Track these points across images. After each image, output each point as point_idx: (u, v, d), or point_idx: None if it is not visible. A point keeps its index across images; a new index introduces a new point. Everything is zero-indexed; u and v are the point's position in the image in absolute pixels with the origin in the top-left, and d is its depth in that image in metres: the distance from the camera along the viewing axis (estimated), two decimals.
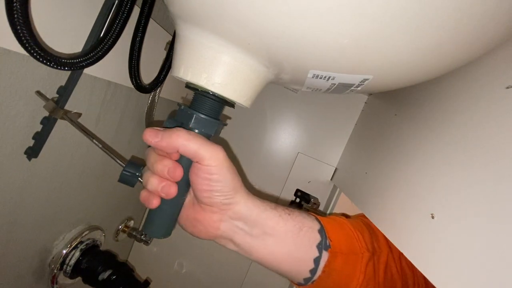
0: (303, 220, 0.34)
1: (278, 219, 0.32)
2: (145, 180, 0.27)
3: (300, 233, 0.32)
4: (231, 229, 0.30)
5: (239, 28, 0.22)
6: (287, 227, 0.32)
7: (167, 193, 0.26)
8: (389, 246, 0.39)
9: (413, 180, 0.31)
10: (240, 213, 0.30)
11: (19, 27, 0.23)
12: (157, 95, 0.51)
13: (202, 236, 0.30)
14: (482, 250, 0.20)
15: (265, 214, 0.31)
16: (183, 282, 0.73)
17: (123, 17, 0.32)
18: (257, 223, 0.31)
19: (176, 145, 0.25)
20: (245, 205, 0.30)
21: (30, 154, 0.32)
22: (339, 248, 0.34)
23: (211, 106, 0.28)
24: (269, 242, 0.31)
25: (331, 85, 0.27)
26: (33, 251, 0.40)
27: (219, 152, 0.27)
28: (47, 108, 0.31)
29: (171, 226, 0.30)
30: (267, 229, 0.31)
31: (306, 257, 0.32)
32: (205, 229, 0.30)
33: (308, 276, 0.33)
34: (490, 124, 0.24)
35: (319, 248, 0.33)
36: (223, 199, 0.28)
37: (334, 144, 0.68)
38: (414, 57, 0.22)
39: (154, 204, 0.27)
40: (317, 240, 0.33)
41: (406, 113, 0.40)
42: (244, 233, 0.30)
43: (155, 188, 0.26)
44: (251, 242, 0.31)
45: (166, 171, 0.26)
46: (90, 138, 0.36)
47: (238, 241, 0.31)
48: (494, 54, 0.26)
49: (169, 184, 0.26)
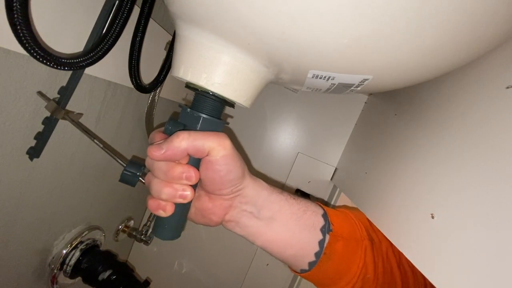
0: (307, 204, 0.35)
1: (284, 202, 0.32)
2: (157, 190, 0.26)
3: (304, 216, 0.33)
4: (239, 213, 0.31)
5: (239, 28, 0.22)
6: (292, 210, 0.33)
7: (185, 198, 0.26)
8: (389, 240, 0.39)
9: (413, 180, 0.31)
10: (249, 196, 0.30)
11: (19, 27, 0.23)
12: (157, 95, 0.51)
13: (212, 224, 0.31)
14: (482, 250, 0.20)
15: (272, 197, 0.32)
16: (183, 282, 0.73)
17: (123, 17, 0.32)
18: (265, 206, 0.31)
19: (183, 149, 0.25)
20: (253, 189, 0.30)
21: (32, 154, 0.32)
22: (340, 233, 0.35)
23: (215, 106, 0.27)
24: (275, 224, 0.32)
25: (331, 85, 0.27)
26: (33, 251, 0.40)
27: (225, 140, 0.27)
28: (49, 108, 0.31)
29: (183, 226, 0.30)
30: (273, 212, 0.32)
31: (311, 239, 0.33)
32: (216, 217, 0.30)
33: (313, 260, 0.33)
34: (490, 124, 0.24)
35: (323, 231, 0.34)
36: (233, 188, 0.29)
37: (334, 144, 0.68)
38: (414, 57, 0.22)
39: (169, 212, 0.26)
40: (321, 223, 0.34)
41: (406, 113, 0.40)
42: (251, 216, 0.31)
43: (171, 196, 0.25)
44: (257, 225, 0.31)
45: (184, 176, 0.25)
46: (91, 138, 0.36)
47: (245, 224, 0.31)
48: (494, 54, 0.26)
49: (185, 188, 0.26)
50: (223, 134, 0.27)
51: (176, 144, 0.25)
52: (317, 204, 0.37)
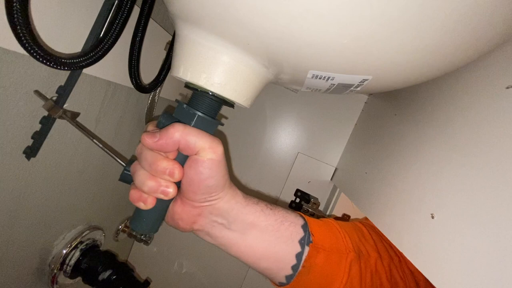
0: (286, 215, 0.33)
1: (259, 213, 0.31)
2: (140, 181, 0.25)
3: (281, 227, 0.32)
4: (208, 223, 0.30)
5: (239, 29, 0.22)
6: (268, 221, 0.31)
7: (167, 194, 0.25)
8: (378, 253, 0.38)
9: (413, 180, 0.31)
10: (221, 209, 0.29)
11: (19, 27, 0.23)
12: (157, 95, 0.51)
13: (180, 228, 0.30)
14: (482, 250, 0.20)
15: (246, 209, 0.30)
16: (183, 282, 0.73)
17: (123, 17, 0.32)
18: (237, 218, 0.30)
19: (176, 139, 0.24)
20: (227, 202, 0.29)
21: (29, 153, 0.32)
22: (321, 244, 0.33)
23: (211, 105, 0.27)
24: (249, 236, 0.30)
25: (330, 85, 0.27)
26: (33, 251, 0.40)
27: (218, 145, 0.26)
28: (46, 107, 0.31)
29: (160, 222, 0.30)
30: (246, 224, 0.30)
31: (288, 252, 0.31)
32: (183, 222, 0.29)
33: (290, 273, 0.32)
34: (490, 124, 0.24)
35: (302, 243, 0.32)
36: (207, 196, 0.28)
37: (334, 144, 0.68)
38: (413, 57, 0.22)
39: (150, 205, 0.26)
40: (299, 235, 0.32)
41: (406, 113, 0.40)
42: (223, 227, 0.30)
43: (153, 190, 0.25)
44: (229, 236, 0.30)
45: (167, 172, 0.25)
46: (90, 137, 0.36)
47: (216, 235, 0.30)
48: (494, 54, 0.26)
49: (168, 184, 0.25)
50: (217, 139, 0.26)
51: (170, 134, 0.24)
52: (298, 214, 0.35)
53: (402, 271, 0.37)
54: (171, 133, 0.24)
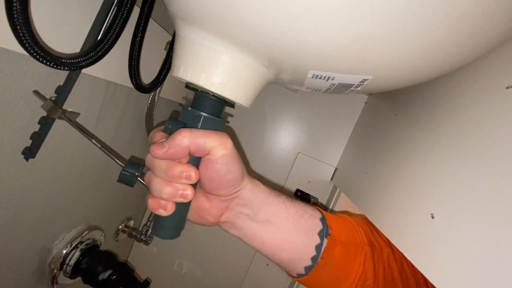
0: (305, 207, 0.34)
1: (281, 205, 0.32)
2: (157, 189, 0.25)
3: (302, 219, 0.33)
4: (235, 215, 0.31)
5: (239, 29, 0.22)
6: (289, 213, 0.32)
7: (186, 197, 0.25)
8: (391, 247, 0.39)
9: (413, 180, 0.31)
10: (246, 198, 0.30)
11: (19, 27, 0.23)
12: (157, 95, 0.51)
13: (208, 224, 0.31)
14: (482, 250, 0.20)
15: (269, 199, 0.32)
16: (183, 282, 0.73)
17: (123, 17, 0.32)
18: (261, 208, 0.31)
19: (185, 146, 0.25)
20: (250, 191, 0.30)
21: (27, 154, 0.32)
22: (338, 237, 0.34)
23: (215, 105, 0.27)
24: (271, 227, 0.31)
25: (330, 85, 0.27)
26: (33, 251, 0.40)
27: (226, 139, 0.26)
28: (45, 107, 0.31)
29: (182, 225, 0.30)
30: (269, 215, 0.31)
31: (308, 243, 0.33)
32: (212, 217, 0.30)
33: (309, 264, 0.33)
34: (490, 124, 0.24)
35: (321, 235, 0.33)
36: (232, 189, 0.29)
37: (334, 144, 0.68)
38: (413, 57, 0.22)
39: (171, 210, 0.26)
40: (318, 227, 0.33)
41: (406, 113, 0.40)
42: (248, 218, 0.31)
43: (172, 195, 0.25)
44: (253, 227, 0.31)
45: (184, 176, 0.25)
46: (89, 137, 0.36)
47: (241, 226, 0.31)
48: (494, 54, 0.26)
49: (185, 187, 0.25)
50: (224, 133, 0.27)
51: (178, 141, 0.24)
52: (316, 208, 0.36)
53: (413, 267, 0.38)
54: (179, 141, 0.24)
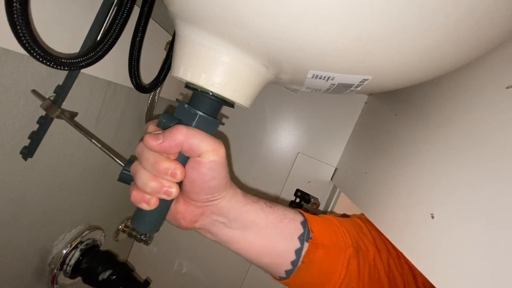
0: (285, 212, 0.34)
1: (259, 212, 0.32)
2: (143, 182, 0.25)
3: (281, 224, 0.33)
4: (210, 222, 0.30)
5: (239, 29, 0.22)
6: (268, 219, 0.32)
7: (170, 195, 0.25)
8: (377, 248, 0.38)
9: (413, 180, 0.31)
10: (222, 208, 0.30)
11: (19, 27, 0.23)
12: (157, 95, 0.51)
13: (181, 227, 0.31)
14: (482, 250, 0.20)
15: (246, 208, 0.31)
16: (183, 282, 0.73)
17: (123, 17, 0.32)
18: (237, 217, 0.31)
19: (179, 142, 0.24)
20: (228, 202, 0.30)
21: (25, 154, 0.32)
22: (320, 240, 0.34)
23: (212, 105, 0.27)
24: (248, 234, 0.31)
25: (330, 85, 0.27)
26: (33, 251, 0.40)
27: (220, 146, 0.26)
28: (44, 107, 0.31)
29: (161, 221, 0.30)
30: (247, 222, 0.31)
31: (287, 248, 0.33)
32: (185, 221, 0.30)
33: (289, 268, 0.33)
34: (490, 124, 0.24)
35: (301, 240, 0.33)
36: (210, 197, 0.28)
37: (334, 144, 0.68)
38: (413, 57, 0.22)
39: (154, 205, 0.26)
40: (299, 231, 0.33)
41: (406, 113, 0.40)
42: (223, 226, 0.31)
43: (156, 190, 0.25)
44: (230, 234, 0.31)
45: (169, 173, 0.25)
46: (88, 137, 0.36)
47: (217, 233, 0.31)
48: (494, 54, 0.26)
49: (171, 185, 0.25)
50: (220, 141, 0.27)
51: (173, 136, 0.24)
52: (297, 211, 0.36)
53: (400, 266, 0.38)
54: (174, 135, 0.24)
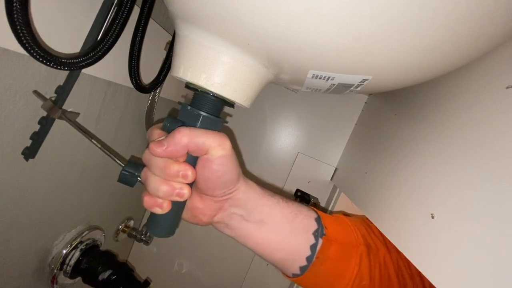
0: (300, 208, 0.34)
1: (275, 205, 0.32)
2: (154, 187, 0.25)
3: (296, 220, 0.33)
4: (228, 215, 0.31)
5: (239, 29, 0.22)
6: (283, 213, 0.32)
7: (182, 196, 0.25)
8: (387, 247, 0.39)
9: (413, 180, 0.31)
10: (240, 200, 0.30)
11: (19, 27, 0.23)
12: (157, 95, 0.51)
13: (201, 223, 0.31)
14: (482, 250, 0.20)
15: (262, 200, 0.32)
16: (183, 282, 0.73)
17: (123, 17, 0.32)
18: (254, 209, 0.31)
19: (184, 145, 0.24)
20: (244, 192, 0.30)
21: (27, 154, 0.32)
22: (334, 237, 0.34)
23: (215, 104, 0.27)
24: (265, 227, 0.31)
25: (330, 85, 0.27)
26: (33, 251, 0.40)
27: (225, 140, 0.26)
28: (45, 107, 0.31)
29: (177, 223, 0.30)
30: (264, 215, 0.31)
31: (302, 243, 0.33)
32: (205, 217, 0.30)
33: (304, 264, 0.33)
34: (490, 124, 0.24)
35: (316, 235, 0.33)
36: (226, 190, 0.29)
37: (334, 144, 0.68)
38: (413, 57, 0.22)
39: (167, 209, 0.26)
40: (313, 227, 0.33)
41: (406, 113, 0.40)
42: (241, 219, 0.31)
43: (168, 193, 0.25)
44: (247, 227, 0.31)
45: (181, 175, 0.25)
46: (89, 137, 0.36)
47: (235, 226, 0.31)
48: (494, 54, 0.26)
49: (182, 186, 0.25)
50: (223, 134, 0.27)
51: (177, 140, 0.24)
52: (311, 208, 0.36)
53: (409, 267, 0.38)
54: (178, 139, 0.24)
